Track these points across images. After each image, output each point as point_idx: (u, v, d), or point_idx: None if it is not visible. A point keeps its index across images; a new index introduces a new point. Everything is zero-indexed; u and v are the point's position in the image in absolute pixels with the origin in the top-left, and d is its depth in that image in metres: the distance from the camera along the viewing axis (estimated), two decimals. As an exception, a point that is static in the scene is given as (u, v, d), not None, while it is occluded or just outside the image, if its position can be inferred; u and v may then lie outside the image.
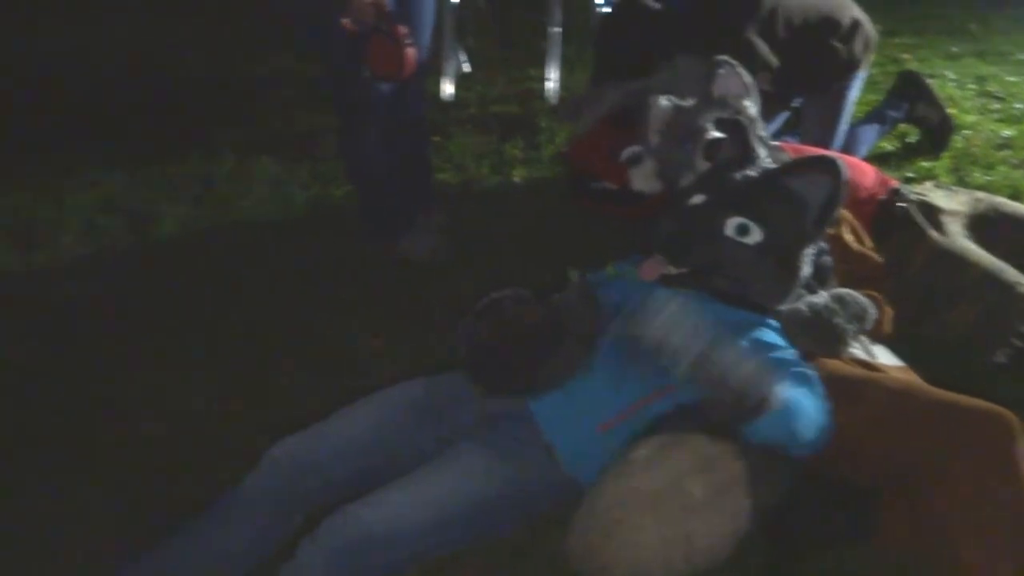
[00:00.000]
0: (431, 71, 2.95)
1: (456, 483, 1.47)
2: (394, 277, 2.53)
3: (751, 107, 2.10)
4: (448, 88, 3.76)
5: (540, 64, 3.87)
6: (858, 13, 2.80)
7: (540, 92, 3.78)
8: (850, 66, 2.76)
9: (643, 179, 2.51)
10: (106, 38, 4.52)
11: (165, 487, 1.81)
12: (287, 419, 1.93)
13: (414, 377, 1.72)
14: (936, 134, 3.07)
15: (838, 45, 2.72)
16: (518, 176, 3.11)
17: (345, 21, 2.15)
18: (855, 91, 2.83)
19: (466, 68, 3.98)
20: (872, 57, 2.86)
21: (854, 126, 2.94)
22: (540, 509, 1.58)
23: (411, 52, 2.24)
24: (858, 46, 2.75)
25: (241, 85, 4.10)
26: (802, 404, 1.40)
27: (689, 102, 2.13)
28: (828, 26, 2.71)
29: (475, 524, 1.50)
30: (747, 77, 2.13)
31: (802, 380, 1.45)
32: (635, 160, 2.58)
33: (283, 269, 2.61)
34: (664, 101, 2.13)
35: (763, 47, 2.60)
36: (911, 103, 3.03)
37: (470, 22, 4.12)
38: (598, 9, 3.50)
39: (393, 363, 2.14)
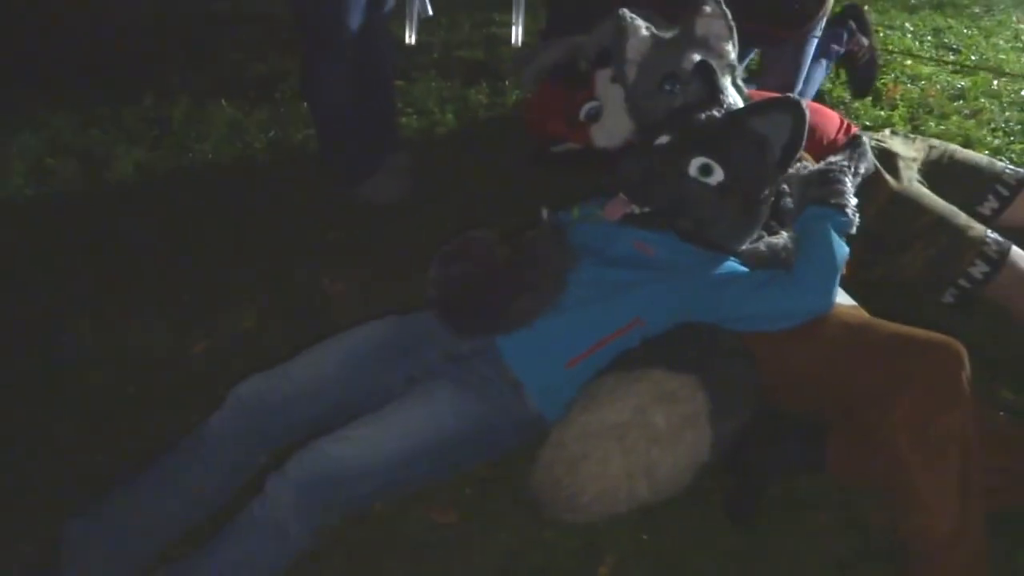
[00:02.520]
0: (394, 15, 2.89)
1: (425, 419, 1.48)
2: (358, 220, 2.50)
3: (731, 51, 2.09)
4: (411, 32, 3.69)
5: (505, 8, 3.81)
6: None
7: (505, 37, 3.73)
8: (801, 18, 2.75)
9: (605, 135, 2.49)
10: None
11: (127, 431, 1.80)
12: (251, 361, 1.94)
13: (377, 319, 1.72)
14: (860, 72, 3.05)
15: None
16: (483, 121, 3.09)
17: None
18: (811, 47, 2.84)
19: (429, 13, 3.90)
20: (825, 16, 2.87)
21: None
22: (508, 445, 1.61)
23: None
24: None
25: (197, 24, 3.97)
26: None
27: (668, 35, 2.09)
28: None
29: (443, 459, 1.52)
30: (730, 18, 2.10)
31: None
32: (594, 116, 2.56)
33: (243, 213, 2.57)
34: (644, 30, 2.09)
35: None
36: (850, 33, 3.02)
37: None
38: (564, -48, 3.43)
39: (359, 307, 2.13)
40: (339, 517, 1.46)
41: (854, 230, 1.64)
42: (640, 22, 2.10)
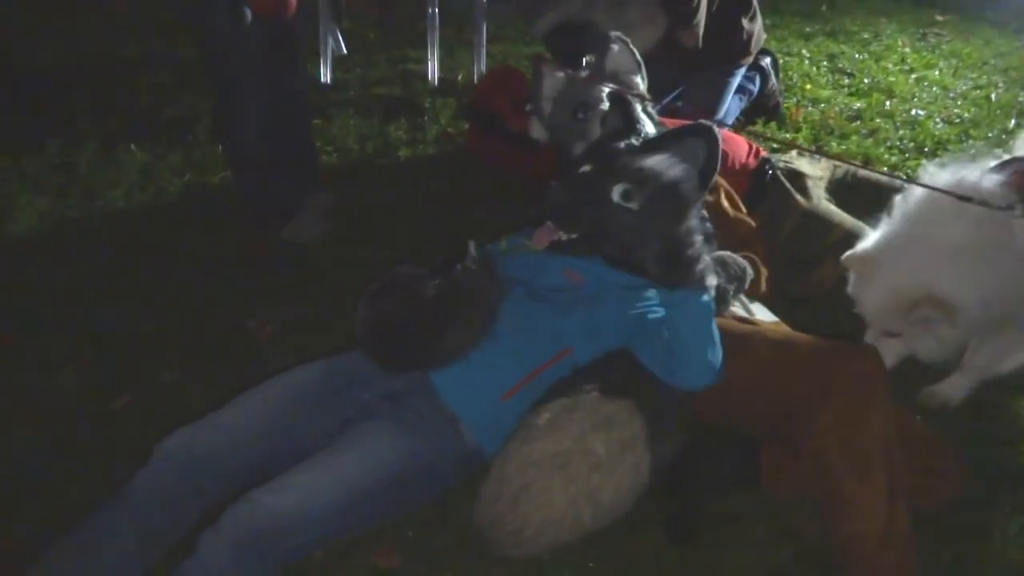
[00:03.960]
0: (307, 53, 2.88)
1: (362, 462, 1.45)
2: (281, 262, 2.46)
3: (640, 83, 2.19)
4: (326, 71, 3.67)
5: (419, 46, 3.84)
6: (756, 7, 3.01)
7: (421, 73, 3.75)
8: (745, 51, 2.95)
9: (540, 129, 2.57)
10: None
11: (45, 495, 1.70)
12: (176, 414, 1.86)
13: (309, 362, 1.68)
14: (765, 109, 3.28)
15: (744, 26, 2.91)
16: (404, 157, 3.09)
17: None
18: (735, 82, 3.00)
19: (343, 50, 3.89)
20: (755, 53, 3.04)
21: None
22: (448, 482, 1.59)
23: None
24: (755, 36, 2.98)
25: (104, 69, 3.84)
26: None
27: (582, 74, 2.20)
28: (743, 4, 2.91)
29: (383, 502, 1.49)
30: (638, 55, 2.22)
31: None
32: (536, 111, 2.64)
33: (161, 260, 2.48)
34: (558, 72, 2.19)
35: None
36: (763, 77, 3.22)
37: (343, 3, 4.03)
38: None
39: (286, 350, 2.08)
40: (278, 570, 1.41)
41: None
42: (558, 74, 2.22)
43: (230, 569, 1.33)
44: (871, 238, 1.79)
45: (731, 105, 3.08)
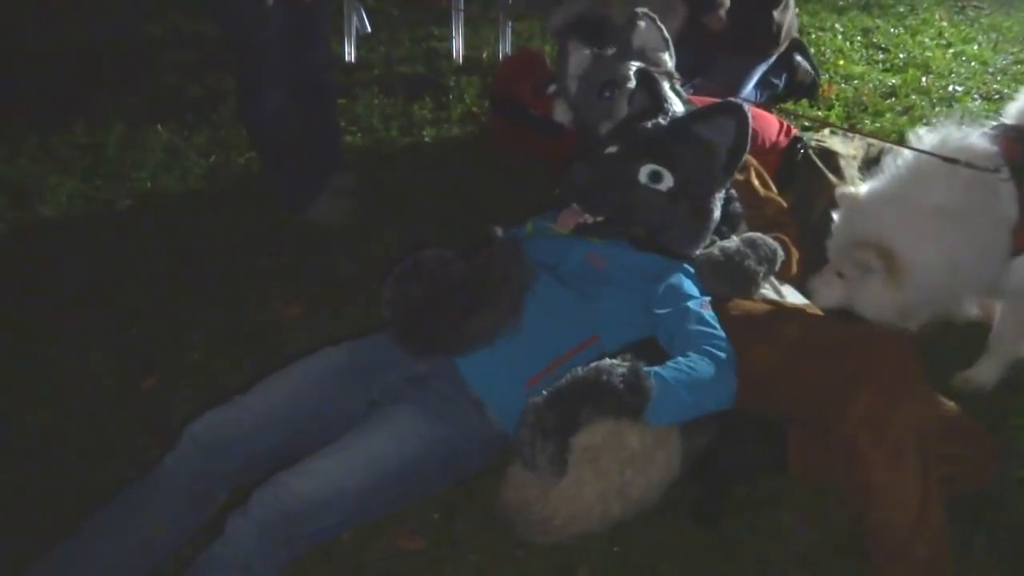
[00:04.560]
0: (331, 32, 2.85)
1: (387, 445, 1.45)
2: (306, 243, 2.46)
3: (668, 60, 2.14)
4: (350, 49, 3.65)
5: (444, 23, 3.81)
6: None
7: (445, 51, 3.71)
8: (774, 42, 2.86)
9: (564, 112, 2.55)
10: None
11: (76, 475, 1.72)
12: (204, 395, 1.88)
13: (335, 344, 1.68)
14: (801, 88, 3.20)
15: (775, 17, 2.84)
16: (428, 136, 3.07)
17: None
18: (761, 70, 2.94)
19: (367, 29, 3.87)
20: (784, 44, 2.96)
21: None
22: (473, 465, 1.58)
23: None
24: (786, 27, 2.90)
25: (130, 47, 3.85)
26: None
27: (608, 51, 2.16)
28: None
29: (408, 485, 1.49)
30: (665, 31, 2.17)
31: (707, 358, 1.50)
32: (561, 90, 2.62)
33: (187, 241, 2.50)
34: (584, 49, 2.15)
35: None
36: (791, 71, 3.14)
37: (369, -20, 4.01)
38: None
39: (311, 331, 2.09)
40: (304, 551, 1.42)
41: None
42: (584, 51, 2.17)
43: (258, 551, 1.34)
44: (870, 184, 1.78)
45: (748, 96, 3.01)
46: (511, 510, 1.49)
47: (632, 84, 2.02)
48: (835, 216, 1.79)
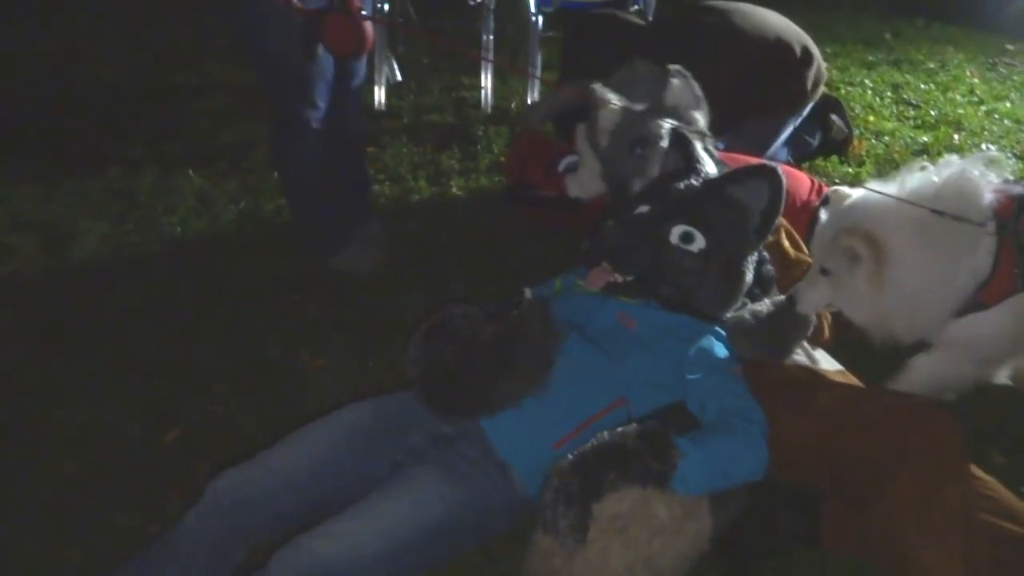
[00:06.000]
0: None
1: (411, 510, 1.42)
2: (332, 293, 2.45)
3: (700, 119, 2.13)
4: (380, 97, 3.70)
5: (472, 73, 3.85)
6: (811, 45, 2.89)
7: (474, 101, 3.75)
8: (800, 97, 2.83)
9: (579, 186, 2.56)
10: (13, 50, 4.27)
11: (95, 528, 1.70)
12: (227, 447, 1.86)
13: (359, 398, 1.66)
14: (833, 145, 3.18)
15: (808, 76, 2.80)
16: (456, 187, 3.08)
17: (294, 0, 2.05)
18: (787, 129, 2.91)
19: (398, 77, 3.93)
20: (820, 92, 2.94)
21: None
22: (496, 530, 1.55)
23: (369, 26, 2.17)
24: (810, 79, 2.84)
25: (163, 95, 3.94)
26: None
27: (639, 107, 2.15)
28: (780, 49, 2.78)
29: (432, 550, 1.45)
30: (698, 89, 2.16)
31: (738, 427, 1.47)
32: (572, 168, 2.63)
33: (215, 288, 2.50)
34: (615, 103, 2.14)
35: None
36: (825, 130, 3.12)
37: (400, 31, 4.07)
38: (533, 18, 3.50)
39: (337, 383, 2.08)
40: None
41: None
42: (611, 95, 2.16)
43: (277, 614, 1.31)
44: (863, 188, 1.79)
45: (777, 154, 3.00)
46: (535, 577, 1.45)
47: (664, 143, 2.01)
48: (823, 214, 1.81)
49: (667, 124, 2.05)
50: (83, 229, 2.80)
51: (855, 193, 1.76)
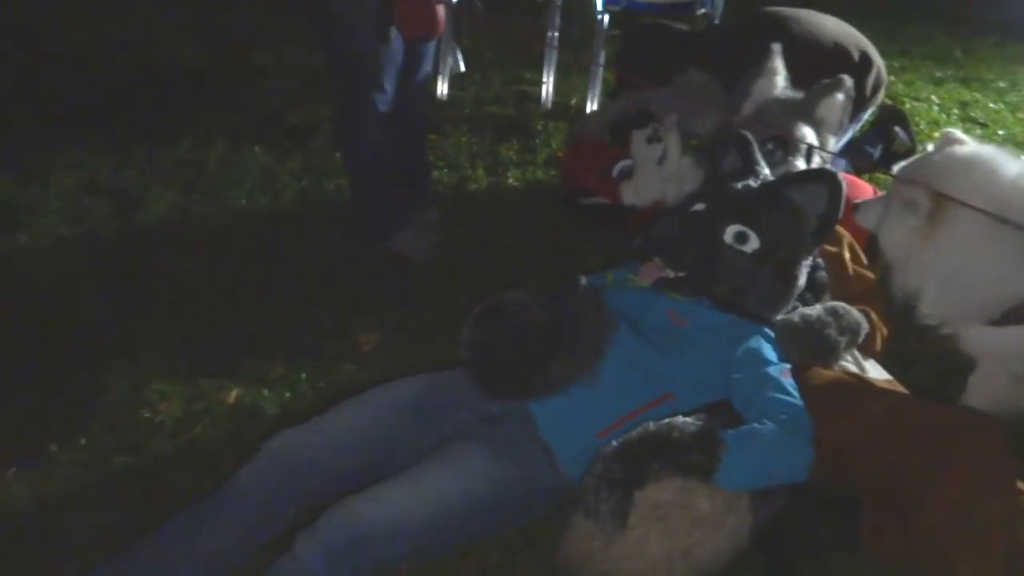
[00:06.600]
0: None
1: (457, 481, 1.47)
2: (387, 274, 2.51)
3: (832, 141, 2.14)
4: (443, 88, 3.76)
5: (535, 67, 3.89)
6: (870, 50, 2.85)
7: (535, 95, 3.79)
8: (858, 104, 2.80)
9: (634, 193, 2.59)
10: (101, 24, 4.45)
11: (155, 482, 1.78)
12: (282, 411, 1.93)
13: (410, 374, 1.71)
14: (895, 158, 3.11)
15: (867, 82, 2.77)
16: (513, 178, 3.12)
17: None
18: (845, 136, 2.88)
19: (461, 68, 3.98)
20: (880, 97, 2.89)
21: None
22: (537, 510, 1.59)
23: (441, 9, 2.21)
24: (869, 84, 2.81)
25: (237, 74, 4.06)
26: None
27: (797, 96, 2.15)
28: (837, 54, 2.76)
29: (473, 522, 1.50)
30: (847, 118, 2.16)
31: (784, 428, 1.48)
32: (626, 174, 2.65)
33: (273, 261, 2.59)
34: (779, 79, 2.18)
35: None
36: (888, 142, 3.08)
37: (465, 22, 4.12)
38: (599, 16, 3.52)
39: (387, 361, 2.13)
40: (365, 577, 1.44)
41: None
42: (779, 76, 2.14)
43: (322, 569, 1.37)
44: (978, 146, 1.76)
45: (835, 163, 2.96)
46: (572, 561, 1.48)
47: (803, 148, 2.01)
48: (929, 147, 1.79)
49: (809, 133, 2.04)
50: (154, 196, 2.91)
51: (969, 144, 1.74)
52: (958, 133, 1.78)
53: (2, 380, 2.05)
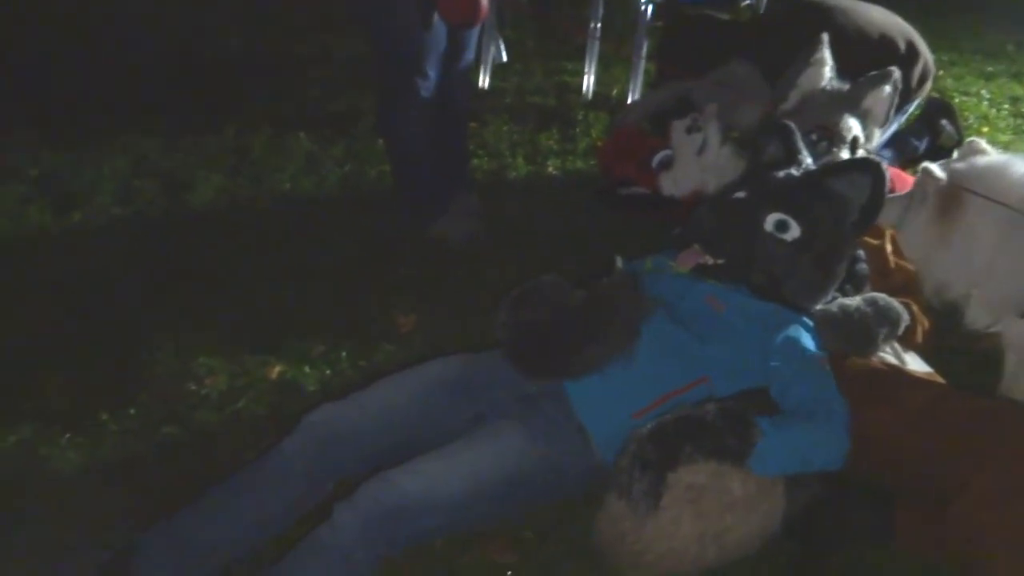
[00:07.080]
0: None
1: (493, 458, 1.49)
2: (427, 259, 2.55)
3: (877, 134, 2.13)
4: (485, 77, 3.79)
5: (576, 58, 3.89)
6: (917, 41, 2.80)
7: (576, 86, 3.79)
8: (903, 96, 2.75)
9: (673, 183, 2.59)
10: (153, 16, 4.55)
11: (200, 451, 1.85)
12: (323, 387, 1.98)
13: (445, 355, 1.74)
14: (941, 152, 3.06)
15: (913, 74, 2.73)
16: (552, 167, 3.14)
17: None
18: (890, 128, 2.83)
19: (504, 58, 4.00)
20: (927, 90, 2.85)
21: None
22: (570, 490, 1.61)
23: None
24: (915, 76, 2.76)
25: (282, 61, 4.14)
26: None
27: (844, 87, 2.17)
28: (883, 45, 2.72)
29: (508, 499, 1.52)
30: (893, 110, 2.15)
31: (820, 415, 1.48)
32: (666, 164, 2.65)
33: (316, 243, 2.64)
34: (827, 69, 2.20)
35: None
36: (934, 136, 3.02)
37: (508, 12, 4.14)
38: (642, 7, 3.51)
39: (426, 342, 2.17)
40: (402, 549, 1.47)
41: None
42: (827, 66, 2.14)
43: (360, 541, 1.40)
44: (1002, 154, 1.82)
45: (880, 154, 2.92)
46: (605, 540, 1.50)
47: (848, 140, 2.01)
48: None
49: (855, 126, 2.03)
50: (200, 179, 2.99)
51: (991, 153, 1.76)
52: (982, 143, 1.81)
53: (58, 352, 2.12)
